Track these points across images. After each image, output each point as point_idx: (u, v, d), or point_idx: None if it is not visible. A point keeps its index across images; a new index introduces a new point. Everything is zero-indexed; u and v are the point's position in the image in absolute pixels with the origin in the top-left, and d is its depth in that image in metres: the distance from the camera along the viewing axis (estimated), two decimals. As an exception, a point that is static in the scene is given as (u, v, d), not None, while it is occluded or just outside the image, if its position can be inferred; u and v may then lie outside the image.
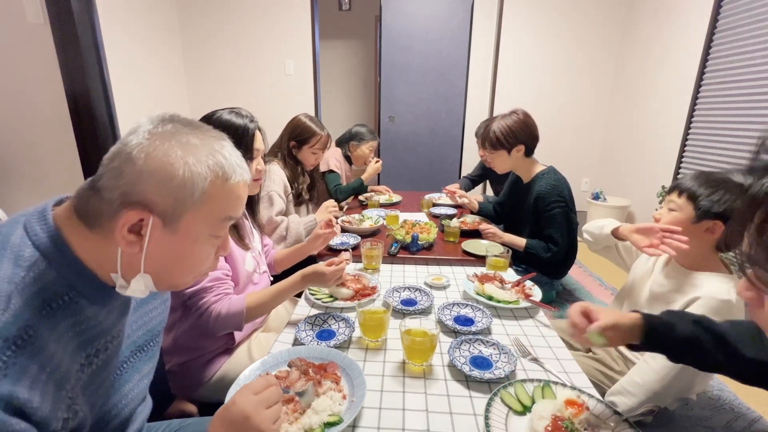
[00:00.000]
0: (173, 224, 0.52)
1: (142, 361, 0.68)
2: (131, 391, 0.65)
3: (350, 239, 1.67)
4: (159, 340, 0.74)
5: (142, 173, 0.49)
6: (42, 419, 0.44)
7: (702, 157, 2.82)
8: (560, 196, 1.63)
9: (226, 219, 0.57)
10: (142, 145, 0.50)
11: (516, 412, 0.75)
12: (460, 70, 4.04)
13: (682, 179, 1.04)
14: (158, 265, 0.54)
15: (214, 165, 0.53)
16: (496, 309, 1.16)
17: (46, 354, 0.46)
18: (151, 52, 3.37)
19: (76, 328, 0.51)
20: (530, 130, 1.69)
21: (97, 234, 0.51)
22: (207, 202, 0.53)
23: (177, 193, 0.51)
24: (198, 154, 0.52)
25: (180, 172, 0.50)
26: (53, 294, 0.49)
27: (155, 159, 0.50)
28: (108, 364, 0.58)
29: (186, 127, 0.54)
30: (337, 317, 1.07)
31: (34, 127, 2.40)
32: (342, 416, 0.72)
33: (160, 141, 0.51)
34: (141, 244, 0.51)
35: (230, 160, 0.55)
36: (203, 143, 0.53)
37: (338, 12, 5.53)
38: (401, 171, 4.35)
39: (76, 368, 0.51)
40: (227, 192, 0.55)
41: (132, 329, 0.65)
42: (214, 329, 1.02)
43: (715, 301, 0.91)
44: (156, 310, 0.72)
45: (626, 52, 3.79)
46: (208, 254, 0.59)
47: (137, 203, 0.50)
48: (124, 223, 0.50)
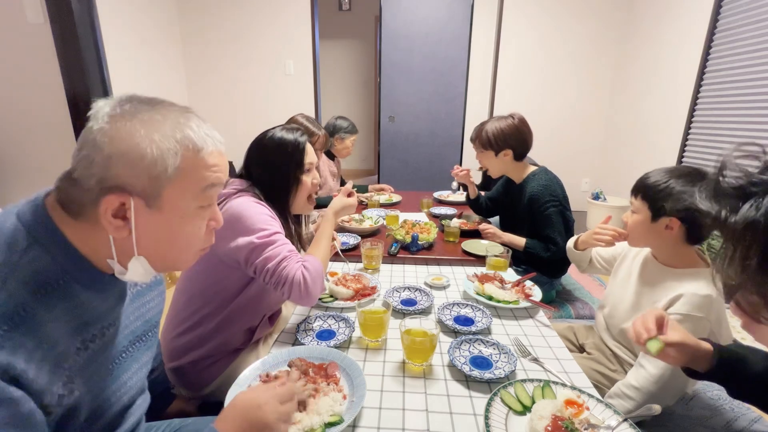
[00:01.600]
0: (155, 202, 0.53)
1: (141, 351, 0.69)
2: (130, 380, 0.66)
3: (350, 239, 1.67)
4: (156, 331, 0.75)
5: (111, 157, 0.49)
6: (36, 390, 0.45)
7: (702, 157, 2.83)
8: (553, 196, 1.64)
9: (208, 187, 0.57)
10: (104, 129, 0.50)
11: (516, 412, 0.75)
12: (460, 71, 4.04)
13: (641, 178, 1.04)
14: (152, 245, 0.55)
15: (182, 138, 0.53)
16: (496, 309, 1.16)
17: (43, 332, 0.47)
18: (151, 52, 3.37)
19: (72, 312, 0.52)
20: (522, 136, 1.69)
21: (85, 223, 0.52)
22: (184, 175, 0.53)
23: (150, 171, 0.51)
24: (163, 130, 0.52)
25: (148, 150, 0.50)
26: (48, 278, 0.50)
27: (120, 141, 0.50)
28: (105, 350, 0.59)
29: (145, 105, 0.53)
30: (337, 317, 1.07)
31: (34, 126, 2.40)
32: (342, 416, 0.72)
33: (122, 122, 0.50)
34: (129, 228, 0.52)
35: (198, 131, 0.55)
36: (165, 118, 0.53)
37: (338, 12, 5.53)
38: (401, 171, 4.35)
39: (72, 350, 0.52)
40: (201, 163, 0.55)
41: (130, 320, 0.66)
42: (306, 295, 1.00)
43: (697, 297, 0.92)
44: (153, 301, 0.73)
45: (626, 52, 3.79)
46: (199, 227, 0.59)
47: (114, 187, 0.50)
48: (106, 209, 0.50)
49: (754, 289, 0.43)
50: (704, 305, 0.91)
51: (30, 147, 2.42)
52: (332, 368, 0.84)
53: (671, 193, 0.95)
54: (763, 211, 0.41)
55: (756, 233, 0.41)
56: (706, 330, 0.92)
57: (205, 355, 1.09)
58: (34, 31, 2.23)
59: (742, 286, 0.44)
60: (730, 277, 0.45)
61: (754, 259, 0.42)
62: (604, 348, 1.18)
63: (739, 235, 0.43)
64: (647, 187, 1.00)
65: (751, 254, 0.42)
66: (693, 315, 0.92)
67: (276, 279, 0.99)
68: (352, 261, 1.46)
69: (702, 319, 0.91)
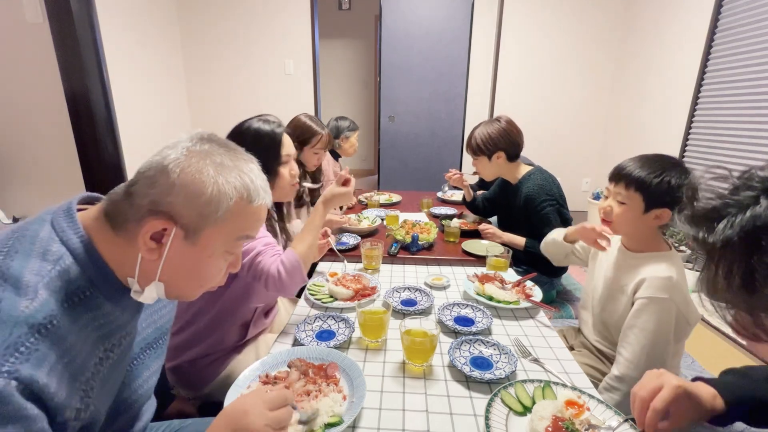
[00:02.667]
0: (194, 237, 0.55)
1: (151, 358, 0.70)
2: (140, 387, 0.67)
3: (350, 239, 1.67)
4: (166, 339, 0.76)
5: (174, 186, 0.53)
6: (56, 405, 0.46)
7: (703, 157, 2.82)
8: (549, 195, 1.65)
9: (243, 238, 0.60)
10: (179, 160, 0.53)
11: (516, 412, 0.75)
12: (460, 70, 4.04)
13: (624, 169, 1.04)
14: (172, 274, 0.57)
15: (241, 186, 0.56)
16: (496, 309, 1.16)
17: (66, 344, 0.48)
18: (150, 52, 3.37)
19: (95, 322, 0.53)
20: (511, 137, 1.71)
21: (121, 237, 0.54)
22: (229, 220, 0.56)
23: (203, 208, 0.54)
24: (228, 175, 0.55)
25: (209, 189, 0.54)
26: (76, 288, 0.51)
27: (188, 174, 0.53)
28: (123, 360, 0.60)
29: (221, 148, 0.57)
30: (337, 317, 1.07)
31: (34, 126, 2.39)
32: (342, 417, 0.72)
33: (196, 158, 0.54)
34: (160, 252, 0.54)
35: (256, 183, 0.59)
36: (234, 165, 0.57)
37: (338, 12, 5.52)
38: (401, 171, 4.34)
39: (95, 361, 0.53)
40: (249, 213, 0.58)
41: (142, 327, 0.67)
42: (282, 288, 1.01)
43: (658, 279, 0.96)
44: (165, 308, 0.74)
45: (627, 52, 3.78)
46: (220, 269, 0.61)
47: (164, 213, 0.53)
48: (148, 230, 0.52)
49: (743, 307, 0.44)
50: (667, 287, 0.95)
51: (29, 147, 2.41)
52: (332, 369, 0.84)
53: (668, 185, 0.97)
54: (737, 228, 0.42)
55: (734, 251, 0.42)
56: (673, 312, 0.95)
57: (202, 353, 1.09)
58: (33, 31, 2.22)
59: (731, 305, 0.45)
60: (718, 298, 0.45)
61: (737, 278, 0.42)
62: (589, 345, 1.20)
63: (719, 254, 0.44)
64: (641, 180, 1.00)
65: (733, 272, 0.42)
66: (657, 297, 0.95)
67: (253, 273, 1.01)
68: (350, 261, 1.46)
69: (666, 300, 0.94)
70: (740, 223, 0.42)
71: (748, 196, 0.43)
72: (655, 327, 0.95)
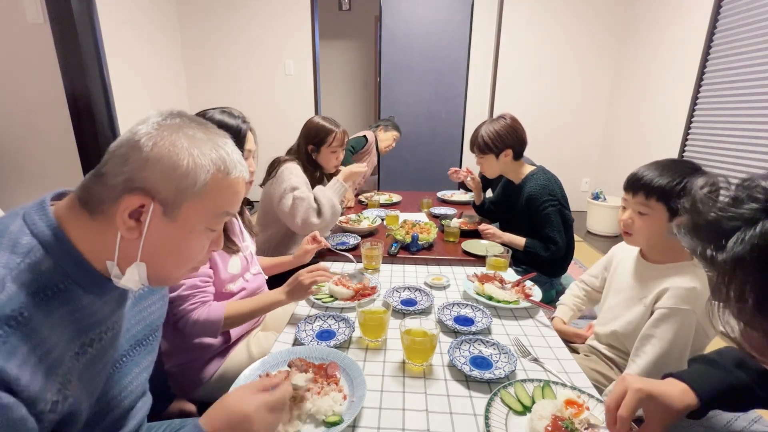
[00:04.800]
0: (173, 212, 0.54)
1: (141, 355, 0.69)
2: (131, 384, 0.66)
3: (350, 239, 1.67)
4: (158, 335, 0.75)
5: (148, 160, 0.51)
6: (29, 397, 0.45)
7: (702, 157, 2.83)
8: (551, 195, 1.65)
9: (223, 214, 0.59)
10: (151, 134, 0.52)
11: (516, 412, 0.75)
12: (460, 71, 4.04)
13: (642, 179, 1.00)
14: (155, 254, 0.55)
15: (217, 159, 0.55)
16: (496, 309, 1.16)
17: (39, 337, 0.47)
18: (151, 52, 3.37)
19: (71, 316, 0.52)
20: (518, 134, 1.71)
21: (98, 221, 0.53)
22: (207, 194, 0.55)
23: (179, 182, 0.53)
24: (203, 147, 0.54)
25: (184, 162, 0.52)
26: (48, 281, 0.50)
27: (162, 147, 0.52)
28: (104, 355, 0.58)
29: (193, 122, 0.56)
30: (337, 317, 1.07)
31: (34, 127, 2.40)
32: (342, 416, 0.72)
33: (168, 132, 0.53)
34: (140, 231, 0.53)
35: (232, 156, 0.57)
36: (208, 138, 0.56)
37: (338, 12, 5.53)
38: (401, 171, 4.34)
39: (70, 355, 0.52)
40: (227, 186, 0.57)
41: (131, 323, 0.66)
42: (191, 335, 1.03)
43: (682, 290, 0.93)
44: (155, 305, 0.73)
45: (626, 52, 3.79)
46: (202, 247, 0.60)
47: (140, 189, 0.51)
48: (126, 208, 0.51)
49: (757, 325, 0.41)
50: (690, 297, 0.92)
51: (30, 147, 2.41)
52: (332, 368, 0.84)
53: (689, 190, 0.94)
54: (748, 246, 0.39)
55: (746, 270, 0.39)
56: (693, 323, 0.92)
57: (189, 359, 1.09)
58: (34, 32, 2.22)
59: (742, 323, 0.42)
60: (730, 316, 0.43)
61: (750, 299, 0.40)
62: (597, 352, 1.17)
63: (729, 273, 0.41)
64: (663, 188, 0.96)
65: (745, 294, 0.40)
66: (679, 308, 0.92)
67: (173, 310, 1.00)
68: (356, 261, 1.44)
69: (688, 311, 0.92)
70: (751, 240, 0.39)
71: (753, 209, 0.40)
72: (673, 338, 0.92)
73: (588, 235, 3.66)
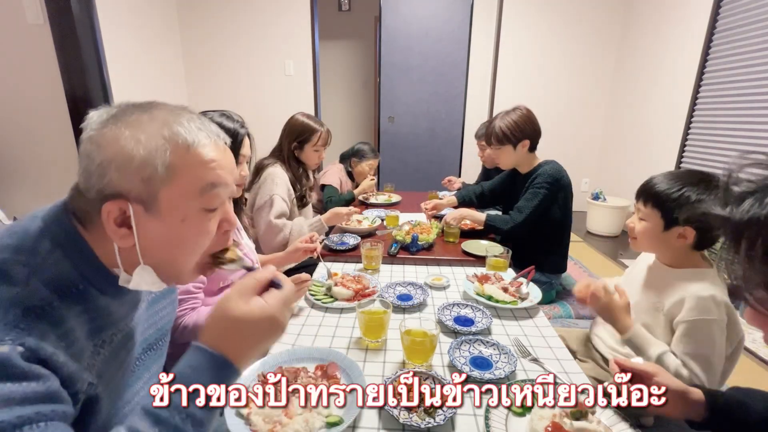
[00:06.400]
0: (153, 206, 0.51)
1: (152, 360, 0.69)
2: (142, 389, 0.66)
3: (350, 239, 1.67)
4: (167, 340, 0.75)
5: (102, 165, 0.49)
6: (68, 375, 0.46)
7: (702, 157, 2.83)
8: (553, 181, 1.67)
9: (209, 187, 0.54)
10: (92, 137, 0.50)
11: (516, 413, 0.75)
12: (459, 71, 4.04)
13: (647, 184, 1.00)
14: (156, 253, 0.54)
15: (170, 135, 0.51)
16: (496, 309, 1.16)
17: (65, 327, 0.48)
18: (150, 52, 3.37)
19: (87, 315, 0.52)
20: (534, 125, 1.74)
21: (95, 233, 0.53)
22: (177, 174, 0.51)
23: (141, 173, 0.49)
24: (149, 129, 0.50)
25: (135, 151, 0.49)
26: (68, 282, 0.50)
27: (107, 146, 0.49)
28: (116, 358, 0.58)
29: (134, 108, 0.52)
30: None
31: (34, 127, 2.40)
32: (342, 417, 0.72)
33: (108, 127, 0.50)
34: (134, 236, 0.52)
35: (188, 126, 0.52)
36: (154, 118, 0.51)
37: (338, 12, 5.53)
38: (401, 171, 4.35)
39: (88, 352, 0.52)
40: (196, 159, 0.52)
41: (144, 327, 0.65)
42: (179, 340, 1.01)
43: (701, 299, 0.90)
44: (166, 309, 0.73)
45: (626, 51, 3.79)
46: (207, 231, 0.56)
47: (111, 195, 0.50)
48: (108, 218, 0.50)
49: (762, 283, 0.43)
50: (711, 306, 0.89)
51: (30, 148, 2.42)
52: (332, 368, 0.84)
53: (687, 201, 0.90)
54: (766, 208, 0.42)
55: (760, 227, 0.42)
56: (724, 332, 0.89)
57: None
58: (34, 32, 2.23)
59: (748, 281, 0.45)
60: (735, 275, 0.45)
61: (759, 252, 0.42)
62: (598, 357, 1.15)
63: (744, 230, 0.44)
64: (659, 195, 0.95)
65: (756, 248, 0.43)
66: (703, 319, 0.89)
67: None
68: (350, 261, 1.45)
69: (713, 321, 0.88)
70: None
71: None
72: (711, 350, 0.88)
73: (588, 236, 3.66)
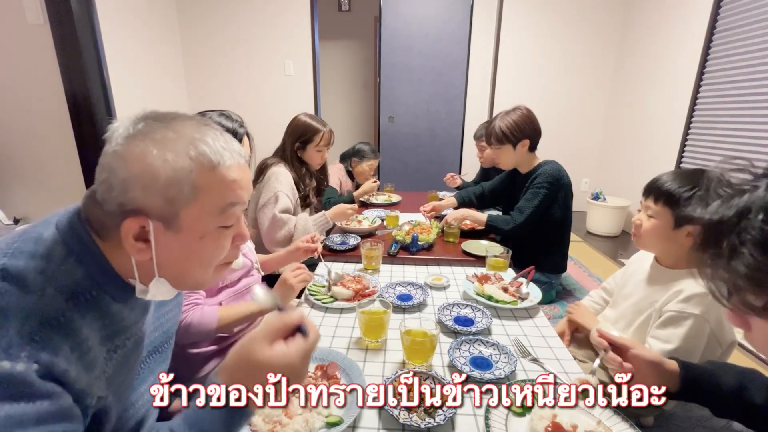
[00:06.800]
0: (173, 225, 0.51)
1: (156, 363, 0.69)
2: (146, 392, 0.66)
3: (350, 239, 1.67)
4: (172, 342, 0.75)
5: (127, 181, 0.49)
6: (79, 391, 0.47)
7: (702, 157, 2.83)
8: (553, 181, 1.67)
9: (229, 206, 0.54)
10: (118, 152, 0.49)
11: (516, 413, 0.75)
12: (459, 71, 4.04)
13: (656, 182, 0.99)
14: (172, 267, 0.55)
15: (197, 155, 0.51)
16: (495, 309, 1.16)
17: (79, 338, 0.48)
18: (150, 53, 3.37)
19: (100, 322, 0.53)
20: (534, 125, 1.74)
21: (111, 243, 0.53)
22: (201, 194, 0.51)
23: (166, 192, 0.49)
24: (176, 148, 0.50)
25: (162, 171, 0.49)
26: (82, 289, 0.51)
27: (134, 164, 0.49)
28: (126, 362, 0.58)
29: (160, 123, 0.51)
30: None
31: (34, 127, 2.40)
32: (342, 417, 0.72)
33: (135, 143, 0.49)
34: (151, 251, 0.52)
35: (214, 145, 0.52)
36: (180, 135, 0.51)
37: (338, 12, 5.53)
38: (401, 171, 4.35)
39: (101, 359, 0.53)
40: (219, 179, 0.53)
41: (150, 330, 0.65)
42: (182, 338, 1.01)
43: (693, 293, 0.91)
44: (172, 311, 0.73)
45: (626, 52, 3.79)
46: (222, 246, 0.57)
47: (133, 211, 0.49)
48: (127, 233, 0.50)
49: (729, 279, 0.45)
50: (702, 302, 0.90)
51: (30, 148, 2.41)
52: (332, 368, 0.84)
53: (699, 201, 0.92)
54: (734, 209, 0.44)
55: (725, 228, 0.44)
56: (705, 331, 0.90)
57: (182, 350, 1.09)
58: (34, 32, 2.23)
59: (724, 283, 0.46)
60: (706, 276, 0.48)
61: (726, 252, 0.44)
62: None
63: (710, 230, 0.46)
64: (671, 194, 0.94)
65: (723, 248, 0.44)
66: (689, 312, 0.90)
67: None
68: (350, 261, 1.45)
69: (699, 317, 0.89)
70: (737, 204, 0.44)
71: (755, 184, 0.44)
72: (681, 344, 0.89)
73: (588, 236, 3.66)
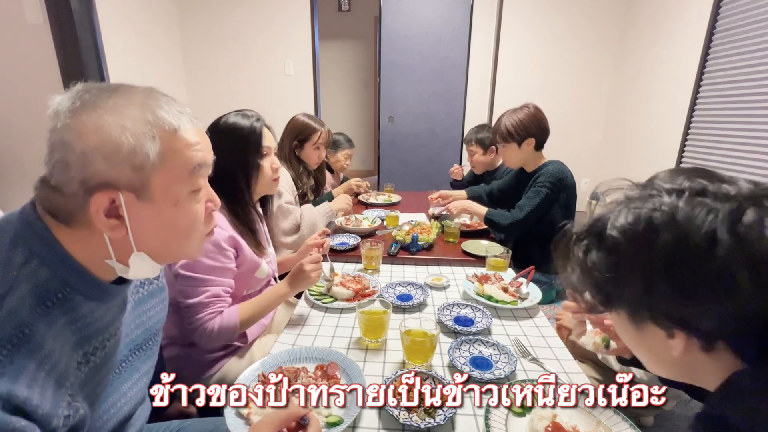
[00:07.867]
0: (145, 193, 0.50)
1: (141, 360, 0.68)
2: (130, 390, 0.65)
3: (350, 239, 1.67)
4: (158, 339, 0.74)
5: (86, 154, 0.46)
6: (42, 417, 0.43)
7: (702, 157, 2.83)
8: (556, 181, 1.66)
9: (197, 168, 0.54)
10: (69, 125, 0.46)
11: (516, 413, 0.75)
12: (459, 71, 4.04)
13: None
14: (150, 239, 0.53)
15: (155, 120, 0.49)
16: (495, 309, 1.16)
17: (44, 351, 0.45)
18: (150, 52, 3.37)
19: (73, 325, 0.50)
20: (540, 123, 1.73)
21: (79, 229, 0.50)
22: (167, 158, 0.50)
23: (131, 161, 0.48)
24: (132, 114, 0.48)
25: (123, 139, 0.47)
26: (47, 292, 0.48)
27: (90, 135, 0.46)
28: (106, 363, 0.57)
29: (105, 91, 0.49)
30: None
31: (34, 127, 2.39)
32: (342, 417, 0.72)
33: (86, 114, 0.47)
34: (125, 225, 0.50)
35: (170, 109, 0.52)
36: (131, 102, 0.49)
37: (338, 12, 5.53)
38: (401, 171, 4.34)
39: (73, 366, 0.50)
40: (183, 143, 0.52)
41: (130, 328, 0.64)
42: (207, 344, 1.02)
43: None
44: (154, 309, 0.71)
45: (626, 52, 3.79)
46: (196, 212, 0.56)
47: (99, 185, 0.47)
48: (97, 209, 0.48)
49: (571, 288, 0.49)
50: None
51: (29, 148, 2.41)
52: (332, 368, 0.84)
53: None
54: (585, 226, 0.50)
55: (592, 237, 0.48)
56: None
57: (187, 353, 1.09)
58: (34, 32, 2.22)
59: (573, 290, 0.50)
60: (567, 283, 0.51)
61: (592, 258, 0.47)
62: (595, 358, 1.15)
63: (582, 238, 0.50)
64: None
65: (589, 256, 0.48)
66: None
67: (188, 320, 1.00)
68: (350, 261, 1.46)
69: None
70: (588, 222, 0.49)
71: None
72: None
73: (588, 235, 3.66)
